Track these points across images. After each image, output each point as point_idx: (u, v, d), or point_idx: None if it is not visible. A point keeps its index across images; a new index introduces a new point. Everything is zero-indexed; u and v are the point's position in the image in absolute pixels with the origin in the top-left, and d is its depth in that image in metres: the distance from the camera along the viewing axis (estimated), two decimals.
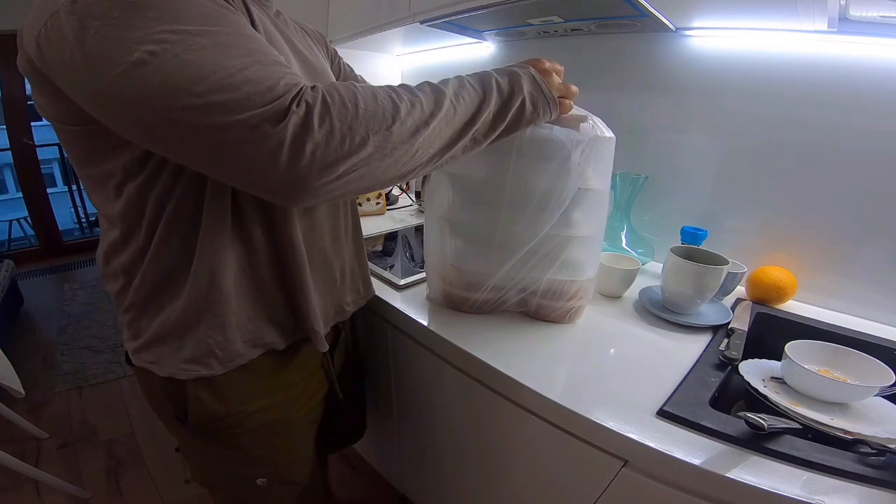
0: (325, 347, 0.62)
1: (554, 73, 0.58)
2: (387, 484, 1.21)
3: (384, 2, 1.11)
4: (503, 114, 0.52)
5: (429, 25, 1.01)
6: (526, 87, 0.53)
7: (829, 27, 0.68)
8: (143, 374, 0.56)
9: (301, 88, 0.38)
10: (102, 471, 1.37)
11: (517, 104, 0.52)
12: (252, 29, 0.41)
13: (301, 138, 0.36)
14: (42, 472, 1.24)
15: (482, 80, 0.51)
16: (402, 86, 0.45)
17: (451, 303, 0.76)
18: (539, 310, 0.74)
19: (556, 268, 0.70)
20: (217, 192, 0.48)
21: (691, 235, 0.88)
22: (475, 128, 0.49)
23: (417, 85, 0.47)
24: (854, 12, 0.65)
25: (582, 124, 0.64)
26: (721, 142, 0.89)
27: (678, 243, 0.88)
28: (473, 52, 1.31)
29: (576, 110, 0.64)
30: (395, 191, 1.52)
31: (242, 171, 0.39)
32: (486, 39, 1.22)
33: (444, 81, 0.49)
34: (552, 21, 0.93)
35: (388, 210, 1.41)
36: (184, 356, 0.52)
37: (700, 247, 0.83)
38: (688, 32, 0.88)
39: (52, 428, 1.51)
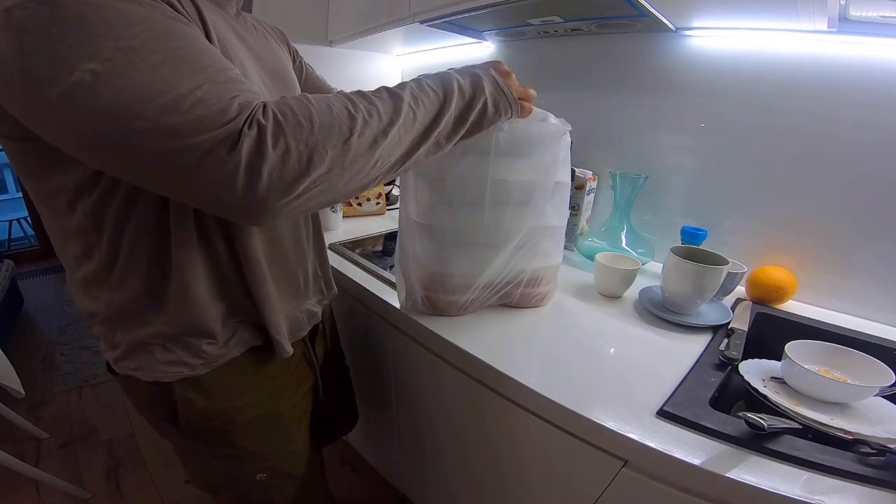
0: (288, 353, 0.62)
1: (509, 70, 0.58)
2: (387, 484, 1.21)
3: (384, 2, 1.11)
4: (465, 116, 0.51)
5: (429, 25, 1.01)
6: (488, 88, 0.53)
7: (829, 27, 0.68)
8: (127, 381, 0.55)
9: (253, 109, 0.36)
10: (102, 471, 1.37)
11: (479, 106, 0.52)
12: (205, 42, 0.40)
13: (256, 161, 0.35)
14: (42, 472, 1.24)
15: (443, 81, 0.50)
16: (357, 93, 0.45)
17: (435, 308, 0.74)
18: (521, 299, 0.77)
19: (538, 258, 0.74)
20: (179, 206, 0.47)
21: (691, 235, 0.88)
22: (437, 131, 0.49)
23: (374, 91, 0.46)
24: (854, 12, 0.65)
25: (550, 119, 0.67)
26: (721, 142, 0.89)
27: (678, 243, 0.88)
28: (473, 52, 1.31)
29: (536, 112, 0.66)
30: (396, 191, 1.52)
31: (199, 196, 0.38)
32: (486, 39, 1.22)
33: (402, 85, 0.48)
34: (552, 21, 0.93)
35: (388, 210, 1.41)
36: (166, 359, 0.52)
37: (700, 247, 0.83)
38: (688, 32, 0.88)
39: (52, 428, 1.51)
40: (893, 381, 0.54)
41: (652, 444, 0.49)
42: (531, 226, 0.71)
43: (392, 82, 0.49)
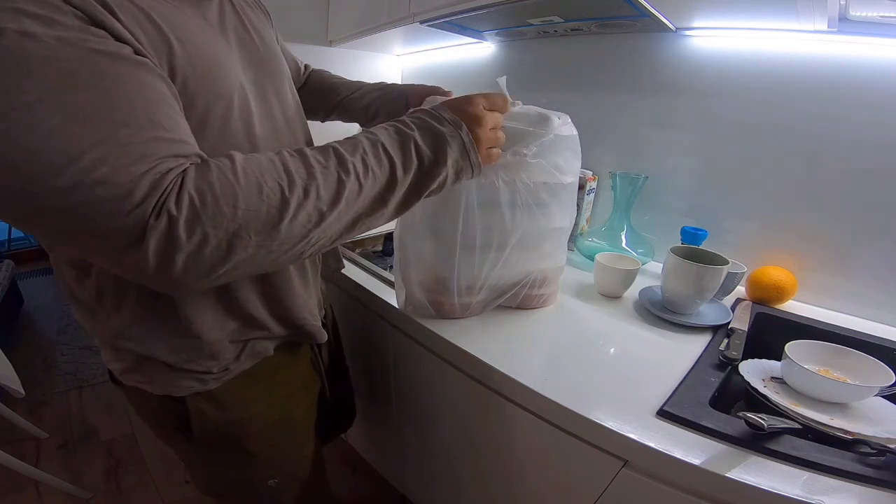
0: (324, 338, 0.62)
1: (487, 121, 0.50)
2: (387, 484, 1.21)
3: (384, 2, 1.11)
4: (420, 186, 0.47)
5: (429, 25, 1.01)
6: (452, 156, 0.47)
7: (829, 27, 0.68)
8: (135, 392, 0.53)
9: (165, 191, 0.32)
10: (102, 471, 1.37)
11: (440, 177, 0.47)
12: (134, 78, 0.33)
13: (167, 253, 0.32)
14: (42, 472, 1.24)
15: (402, 147, 0.45)
16: (300, 158, 0.39)
17: (439, 312, 0.74)
18: (524, 300, 0.77)
19: (544, 259, 0.74)
20: None
21: (691, 235, 0.88)
22: (388, 204, 0.44)
23: (321, 152, 0.41)
24: (854, 12, 0.65)
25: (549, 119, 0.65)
26: (721, 141, 0.89)
27: (678, 243, 0.88)
28: (473, 52, 1.30)
29: (535, 111, 0.65)
30: None
31: (114, 269, 0.36)
32: (486, 39, 1.22)
33: (355, 145, 0.42)
34: (552, 21, 0.93)
35: None
36: (176, 375, 0.51)
37: (700, 247, 0.83)
38: (688, 32, 0.88)
39: (52, 428, 1.51)
40: (893, 381, 0.54)
41: (652, 444, 0.49)
42: (538, 227, 0.70)
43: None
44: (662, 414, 0.53)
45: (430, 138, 0.47)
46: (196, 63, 0.41)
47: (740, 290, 0.86)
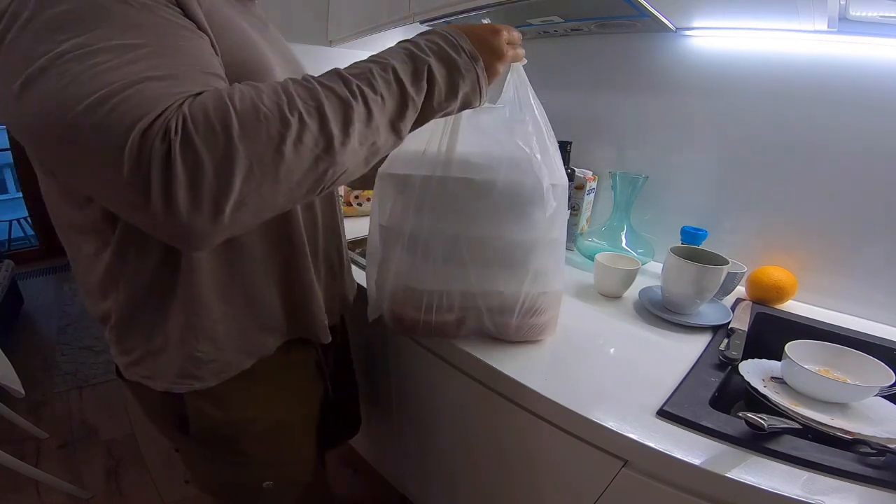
0: (329, 338, 0.62)
1: (508, 56, 0.52)
2: (387, 484, 1.21)
3: (384, 2, 1.11)
4: (427, 115, 0.45)
5: (429, 26, 1.01)
6: (463, 89, 0.46)
7: (829, 27, 0.68)
8: (138, 387, 0.54)
9: (169, 114, 0.31)
10: (102, 471, 1.37)
11: (448, 108, 0.47)
12: (184, 35, 0.36)
13: (165, 178, 0.30)
14: (42, 472, 1.24)
15: (416, 73, 0.42)
16: (302, 83, 0.37)
17: (401, 325, 0.67)
18: (517, 331, 0.65)
19: (530, 279, 0.62)
20: None
21: (691, 235, 0.88)
22: (400, 131, 0.43)
23: (326, 75, 0.39)
24: (854, 12, 0.65)
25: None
26: (721, 142, 0.89)
27: (678, 243, 0.88)
28: None
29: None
30: None
31: (126, 213, 0.35)
32: None
33: (362, 71, 0.40)
34: (552, 21, 0.93)
35: None
36: (176, 370, 0.51)
37: (700, 247, 0.83)
38: (688, 32, 0.88)
39: (52, 428, 1.51)
40: (893, 381, 0.54)
41: (652, 444, 0.49)
42: (518, 238, 0.61)
43: None
44: (662, 414, 0.53)
45: (446, 68, 0.44)
46: (236, 57, 0.43)
47: (740, 290, 0.86)
